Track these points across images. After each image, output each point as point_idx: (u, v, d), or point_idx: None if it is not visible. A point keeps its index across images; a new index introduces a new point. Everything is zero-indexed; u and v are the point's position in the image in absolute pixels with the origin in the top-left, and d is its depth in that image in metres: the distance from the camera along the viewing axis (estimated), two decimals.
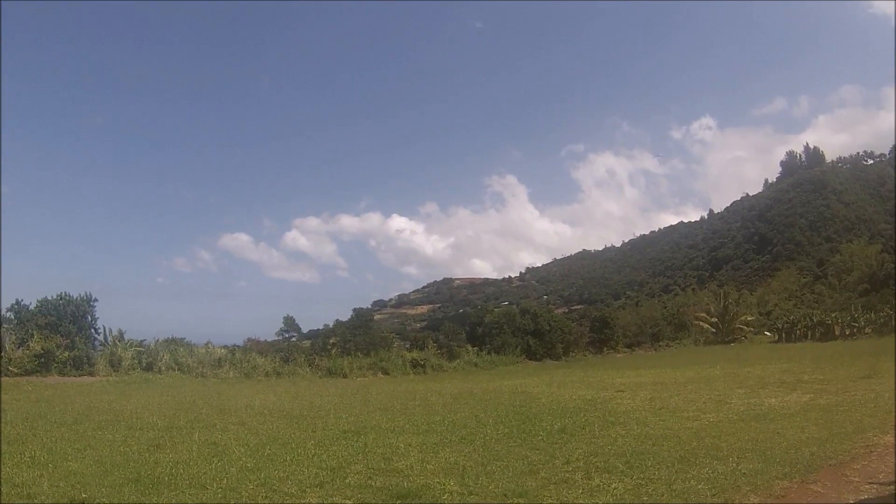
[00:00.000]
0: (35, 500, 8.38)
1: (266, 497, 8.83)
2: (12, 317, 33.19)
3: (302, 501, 8.67)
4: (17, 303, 34.29)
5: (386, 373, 39.25)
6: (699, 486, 8.74)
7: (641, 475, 9.50)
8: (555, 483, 9.30)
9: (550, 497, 8.58)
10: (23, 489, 8.92)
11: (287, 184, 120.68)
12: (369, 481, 9.68)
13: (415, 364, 41.19)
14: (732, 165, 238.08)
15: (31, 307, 34.24)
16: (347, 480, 9.78)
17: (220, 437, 13.81)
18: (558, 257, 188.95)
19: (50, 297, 35.18)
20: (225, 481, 9.66)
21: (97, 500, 8.49)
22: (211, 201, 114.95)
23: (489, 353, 45.23)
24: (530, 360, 46.34)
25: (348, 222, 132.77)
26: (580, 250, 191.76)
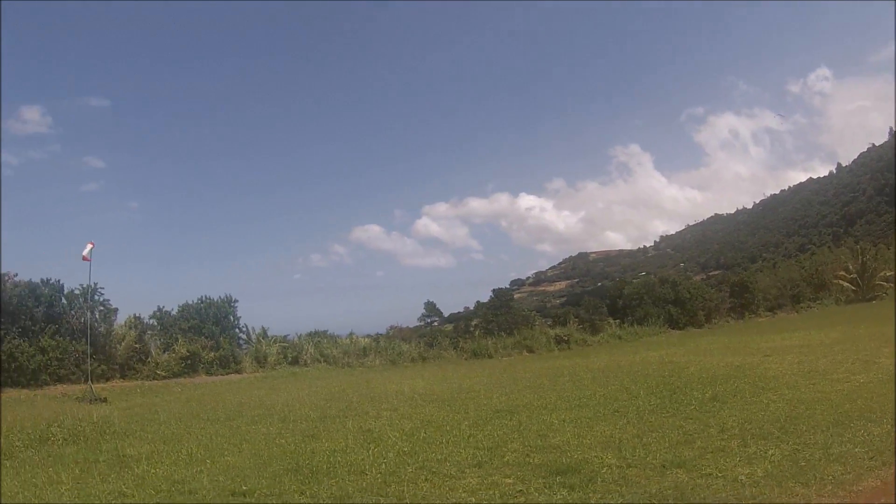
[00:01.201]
0: (196, 495, 9.36)
1: (426, 479, 9.44)
2: (156, 323, 36.63)
3: (462, 482, 9.19)
4: (160, 309, 37.93)
5: (530, 351, 40.66)
6: (856, 450, 9.06)
7: (797, 440, 9.95)
8: (711, 452, 9.72)
9: (708, 466, 8.98)
10: (183, 485, 9.97)
11: (412, 173, 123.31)
12: (527, 459, 10.21)
13: (559, 340, 42.55)
14: (855, 116, 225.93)
15: (174, 312, 37.02)
16: (505, 459, 10.34)
17: (373, 423, 14.88)
18: (691, 223, 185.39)
19: (191, 302, 38.48)
20: (383, 466, 10.40)
21: (258, 491, 9.36)
22: (339, 197, 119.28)
23: (631, 324, 47.37)
24: (672, 329, 47.83)
25: (477, 205, 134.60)
26: (712, 215, 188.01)
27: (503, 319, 46.55)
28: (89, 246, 26.16)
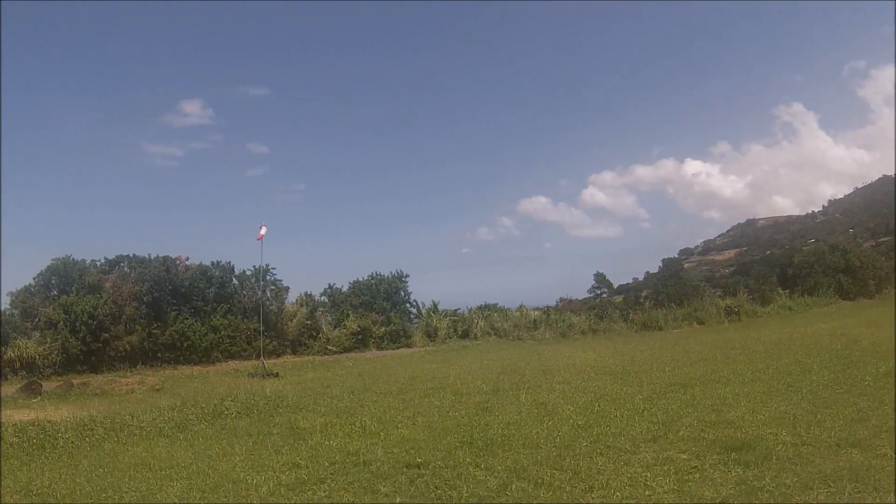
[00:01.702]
0: (371, 467, 9.47)
1: (601, 453, 9.38)
2: (326, 300, 37.85)
3: (636, 457, 9.09)
4: (331, 287, 39.57)
5: (700, 322, 40.21)
6: None
7: None
8: (886, 431, 9.37)
9: (884, 446, 8.62)
10: (357, 457, 10.15)
11: (577, 141, 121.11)
12: (701, 434, 10.10)
13: (728, 312, 41.76)
14: None
15: (345, 289, 38.36)
16: (680, 434, 10.23)
17: (547, 396, 14.98)
18: (859, 185, 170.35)
19: (362, 279, 39.87)
20: (558, 440, 10.41)
21: (433, 463, 9.41)
22: (506, 169, 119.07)
23: (801, 295, 46.91)
24: (843, 299, 47.25)
25: (643, 172, 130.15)
26: (881, 176, 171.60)
27: (673, 290, 46.16)
28: (263, 228, 27.61)
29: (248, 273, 34.59)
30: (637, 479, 8.01)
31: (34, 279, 30.99)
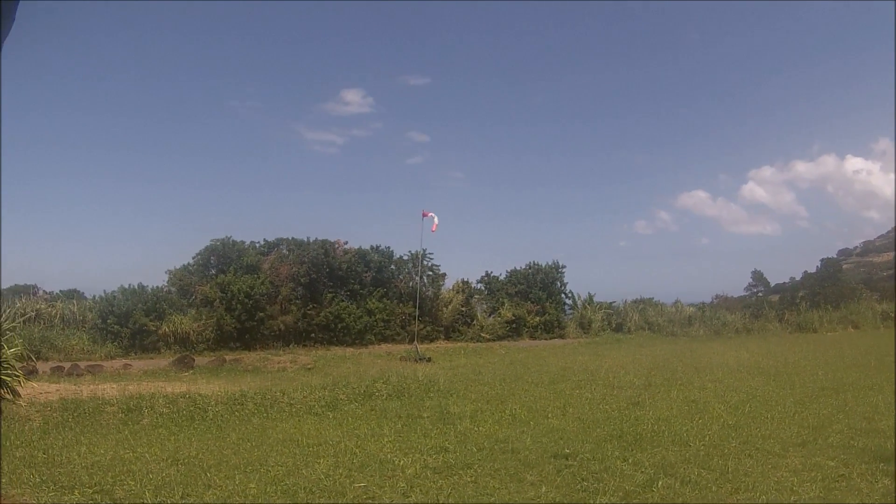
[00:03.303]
0: (519, 455, 9.39)
1: (749, 455, 9.24)
2: (483, 288, 38.44)
3: (784, 461, 8.90)
4: (487, 275, 39.62)
5: (856, 326, 39.28)
6: None
7: None
8: None
9: None
10: (506, 444, 10.10)
11: (737, 135, 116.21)
12: (851, 441, 9.81)
13: (885, 316, 40.52)
14: None
15: (502, 278, 38.73)
16: (829, 440, 9.98)
17: (697, 394, 14.84)
18: None
19: (519, 268, 39.70)
20: (707, 438, 10.28)
21: (581, 455, 9.27)
22: (665, 163, 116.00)
23: None
24: None
25: (803, 168, 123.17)
26: None
27: (830, 292, 45.12)
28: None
29: (406, 258, 35.21)
30: (783, 484, 7.85)
31: (193, 258, 32.49)
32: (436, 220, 28.23)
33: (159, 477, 8.27)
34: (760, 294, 56.21)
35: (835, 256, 69.61)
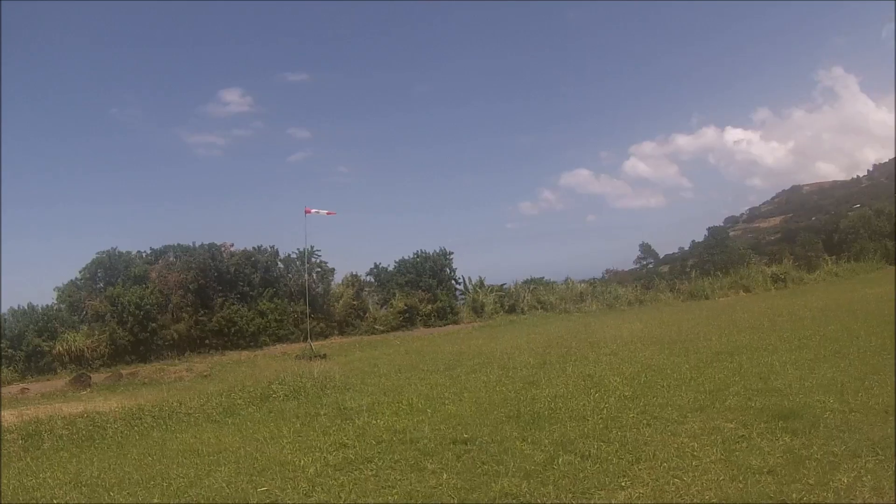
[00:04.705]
0: (418, 444, 9.58)
1: (648, 424, 9.51)
2: (373, 280, 38.44)
3: (683, 427, 9.20)
4: (376, 266, 39.69)
5: (747, 290, 40.82)
6: None
7: None
8: None
9: None
10: (404, 434, 10.28)
11: (616, 113, 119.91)
12: (749, 402, 10.22)
13: (775, 279, 42.33)
14: None
15: (390, 269, 38.92)
16: (727, 403, 10.36)
17: (593, 368, 15.12)
18: None
19: (407, 257, 40.01)
20: (605, 412, 10.56)
21: (480, 438, 9.49)
22: (546, 143, 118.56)
23: (847, 261, 47.51)
24: (890, 265, 47.57)
25: (684, 141, 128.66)
26: None
27: (719, 259, 47.47)
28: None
29: (294, 256, 34.97)
30: (684, 450, 8.08)
31: (80, 273, 31.48)
32: (321, 211, 28.18)
33: (63, 501, 8.15)
34: (650, 265, 58.27)
35: (721, 224, 72.52)
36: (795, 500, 6.32)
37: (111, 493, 8.31)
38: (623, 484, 7.16)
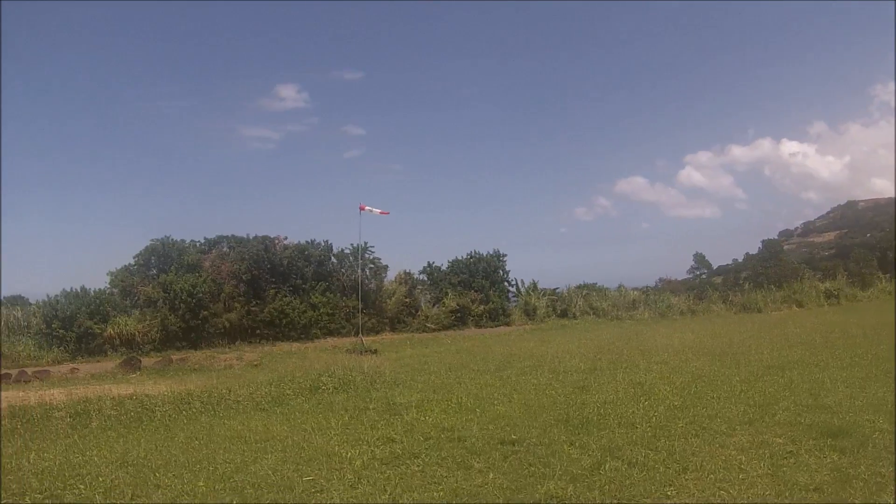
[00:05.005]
0: (465, 443, 9.51)
1: (696, 435, 9.42)
2: (426, 278, 38.48)
3: (731, 439, 9.11)
4: (430, 265, 39.81)
5: (800, 305, 40.69)
6: None
7: None
8: None
9: None
10: (452, 432, 10.22)
11: (673, 121, 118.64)
12: (798, 418, 10.08)
13: (828, 295, 42.28)
14: None
15: (444, 268, 39.05)
16: (776, 417, 10.25)
17: (643, 377, 15.06)
18: None
19: (461, 257, 40.04)
20: (653, 420, 10.48)
21: (528, 440, 9.42)
22: (602, 149, 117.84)
23: None
24: None
25: (739, 152, 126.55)
26: None
27: (772, 272, 47.17)
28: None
29: (347, 252, 35.19)
30: (731, 463, 8.00)
31: (134, 258, 32.13)
32: (375, 210, 28.20)
33: (108, 480, 8.20)
34: (703, 276, 57.73)
35: (776, 237, 71.48)
36: None
37: (157, 475, 8.36)
38: (669, 493, 7.11)
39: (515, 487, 7.37)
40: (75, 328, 26.28)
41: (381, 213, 28.74)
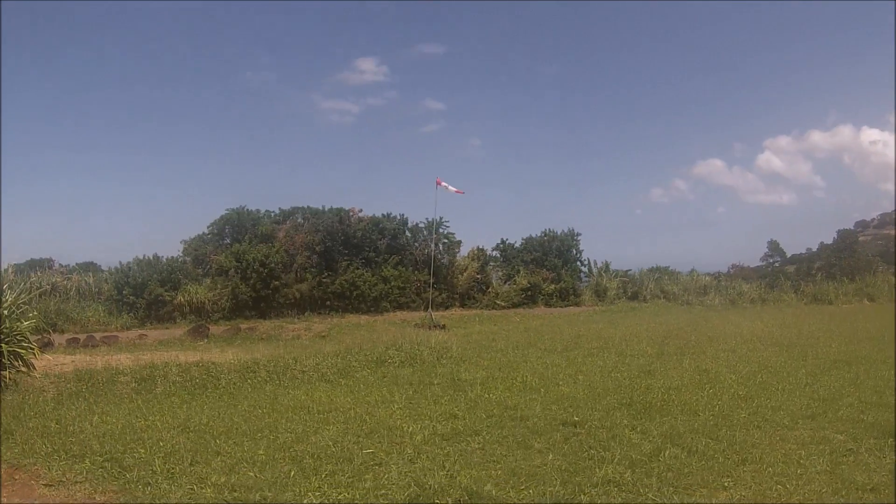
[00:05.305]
0: (528, 422, 9.45)
1: (758, 426, 9.30)
2: (498, 255, 38.77)
3: (793, 433, 8.95)
4: (503, 242, 39.78)
5: (871, 299, 39.67)
6: None
7: None
8: None
9: None
10: (516, 411, 10.16)
11: (752, 105, 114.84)
12: (861, 416, 9.83)
13: None
14: None
15: (517, 245, 39.12)
16: (839, 413, 10.03)
17: (710, 364, 14.89)
18: None
19: (535, 235, 39.99)
20: (717, 408, 10.37)
21: (590, 423, 9.33)
22: (681, 131, 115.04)
23: None
24: None
25: (819, 138, 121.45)
26: None
27: (846, 264, 46.19)
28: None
29: (422, 226, 35.29)
30: (791, 457, 7.87)
31: (208, 228, 32.96)
32: (450, 187, 28.11)
33: (169, 444, 8.33)
34: (776, 264, 56.60)
35: (851, 228, 69.49)
36: None
37: (218, 441, 8.46)
38: (726, 484, 7.02)
39: (574, 469, 7.29)
40: (146, 295, 27.01)
41: (456, 191, 28.64)
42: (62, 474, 7.32)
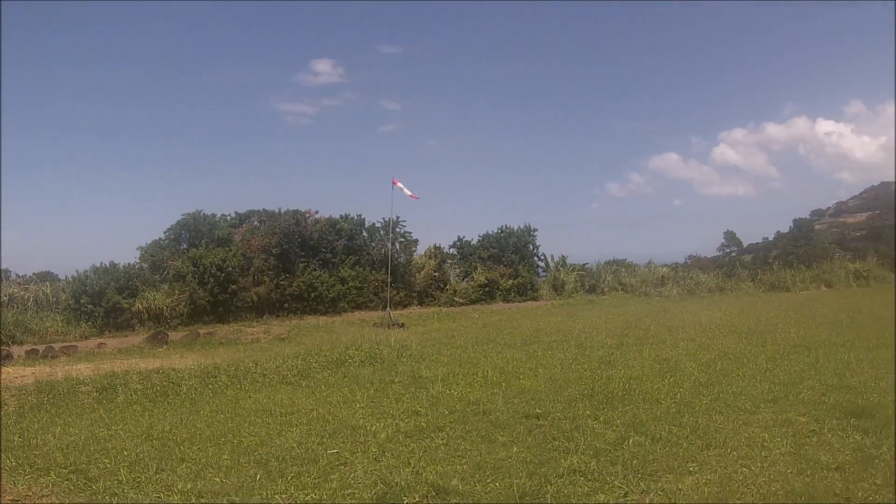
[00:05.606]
0: (490, 416, 9.53)
1: (720, 412, 9.46)
2: (455, 252, 38.72)
3: (755, 417, 9.15)
4: (460, 239, 39.94)
5: (828, 285, 40.92)
6: None
7: None
8: None
9: None
10: (478, 406, 10.24)
11: (708, 98, 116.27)
12: (822, 398, 10.08)
13: (857, 276, 42.51)
14: None
15: (474, 242, 39.37)
16: (801, 396, 10.26)
17: (669, 352, 15.10)
18: None
19: (491, 232, 40.15)
20: (678, 396, 10.51)
21: (553, 414, 9.43)
22: (636, 126, 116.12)
23: None
24: None
25: (775, 130, 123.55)
26: None
27: (802, 252, 47.11)
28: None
29: (378, 226, 35.27)
30: (755, 440, 8.03)
31: (165, 233, 32.58)
32: (406, 190, 27.95)
33: (133, 453, 8.28)
34: (733, 254, 57.57)
35: (807, 217, 70.68)
36: (861, 499, 6.22)
37: (182, 448, 8.43)
38: (691, 469, 7.13)
39: (539, 461, 7.38)
40: (104, 303, 26.57)
41: (411, 195, 28.48)
42: (27, 489, 7.23)
